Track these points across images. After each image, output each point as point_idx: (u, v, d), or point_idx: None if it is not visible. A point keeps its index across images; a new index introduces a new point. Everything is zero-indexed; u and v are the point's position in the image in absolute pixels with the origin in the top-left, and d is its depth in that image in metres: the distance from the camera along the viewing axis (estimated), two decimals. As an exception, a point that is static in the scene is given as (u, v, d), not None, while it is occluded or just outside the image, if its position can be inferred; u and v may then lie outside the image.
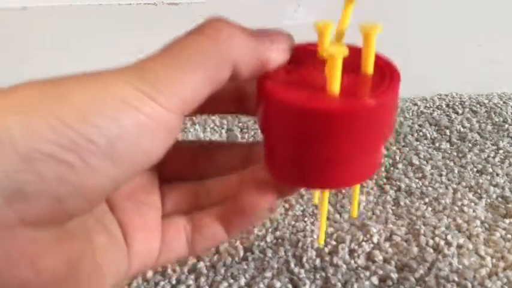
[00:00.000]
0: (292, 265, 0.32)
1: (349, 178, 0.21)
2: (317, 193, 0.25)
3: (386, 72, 0.20)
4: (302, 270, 0.32)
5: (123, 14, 0.47)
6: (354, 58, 0.19)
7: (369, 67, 0.20)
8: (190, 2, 0.46)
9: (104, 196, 0.18)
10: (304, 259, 0.32)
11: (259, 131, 0.31)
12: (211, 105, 0.24)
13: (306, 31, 0.22)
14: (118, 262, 0.21)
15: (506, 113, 0.50)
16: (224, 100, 0.24)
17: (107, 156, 0.16)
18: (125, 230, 0.22)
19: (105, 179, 0.17)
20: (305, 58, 0.21)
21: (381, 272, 0.31)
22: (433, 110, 0.50)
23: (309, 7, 0.47)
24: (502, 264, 0.32)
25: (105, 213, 0.22)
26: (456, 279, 0.31)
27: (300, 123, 0.19)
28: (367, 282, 0.31)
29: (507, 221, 0.36)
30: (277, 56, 0.20)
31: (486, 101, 0.52)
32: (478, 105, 0.51)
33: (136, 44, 0.48)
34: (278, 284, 0.31)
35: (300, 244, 0.34)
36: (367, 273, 0.31)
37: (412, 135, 0.46)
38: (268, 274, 0.31)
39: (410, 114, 0.50)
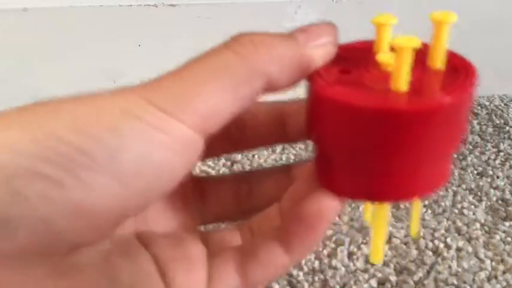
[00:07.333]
0: (291, 267, 0.32)
1: (416, 190, 0.18)
2: (368, 208, 0.22)
3: (459, 66, 0.18)
4: (301, 273, 0.32)
5: (123, 15, 0.47)
6: (419, 52, 0.17)
7: (440, 61, 0.18)
8: (190, 4, 0.46)
9: (109, 220, 0.15)
10: (303, 261, 0.32)
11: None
12: (248, 139, 0.21)
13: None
14: None
15: (507, 115, 0.49)
16: (262, 131, 0.21)
17: (106, 170, 0.14)
18: (162, 263, 0.19)
19: (108, 198, 0.14)
20: (359, 57, 0.19)
21: (379, 275, 0.31)
22: (434, 112, 0.50)
23: (309, 8, 0.47)
24: (501, 267, 0.32)
25: (136, 250, 0.19)
26: (455, 282, 0.31)
27: (365, 127, 0.16)
28: (365, 285, 0.31)
29: (507, 223, 0.36)
30: (318, 52, 0.18)
31: (487, 103, 0.52)
32: (479, 107, 0.51)
33: (137, 44, 0.48)
34: (277, 287, 0.31)
35: (298, 246, 0.34)
36: (366, 276, 0.31)
37: (413, 137, 0.46)
38: (267, 276, 0.31)
39: (411, 116, 0.49)
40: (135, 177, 0.15)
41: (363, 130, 0.16)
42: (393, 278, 0.31)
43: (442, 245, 0.34)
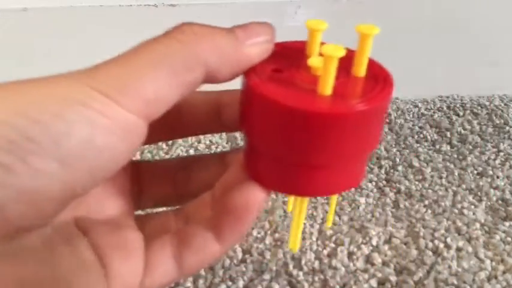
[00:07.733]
0: (291, 267, 0.32)
1: (332, 187, 0.20)
2: (291, 200, 0.24)
3: (378, 75, 0.20)
4: (300, 273, 0.32)
5: (123, 15, 0.47)
6: (344, 60, 0.18)
7: (362, 69, 0.19)
8: (190, 4, 0.46)
9: (55, 203, 0.16)
10: (303, 261, 0.32)
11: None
12: (186, 126, 0.22)
13: (306, 32, 0.21)
14: (92, 286, 0.19)
15: (507, 115, 0.49)
16: (199, 119, 0.22)
17: (51, 156, 0.14)
18: (100, 250, 0.19)
19: (53, 182, 0.15)
20: (293, 56, 0.20)
21: (379, 275, 0.31)
22: (434, 112, 0.50)
23: (309, 8, 0.47)
24: (501, 267, 0.32)
25: (75, 237, 0.19)
26: (455, 282, 0.31)
27: (290, 125, 0.18)
28: (365, 285, 0.31)
29: (507, 223, 0.36)
30: (255, 50, 0.19)
31: (487, 103, 0.52)
32: (479, 107, 0.51)
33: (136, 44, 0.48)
34: (276, 287, 0.31)
35: (298, 246, 0.34)
36: (366, 276, 0.31)
37: (413, 137, 0.46)
38: (267, 276, 0.31)
39: (411, 116, 0.49)
40: (80, 161, 0.15)
41: (288, 128, 0.18)
42: (393, 278, 0.31)
43: (442, 245, 0.34)
